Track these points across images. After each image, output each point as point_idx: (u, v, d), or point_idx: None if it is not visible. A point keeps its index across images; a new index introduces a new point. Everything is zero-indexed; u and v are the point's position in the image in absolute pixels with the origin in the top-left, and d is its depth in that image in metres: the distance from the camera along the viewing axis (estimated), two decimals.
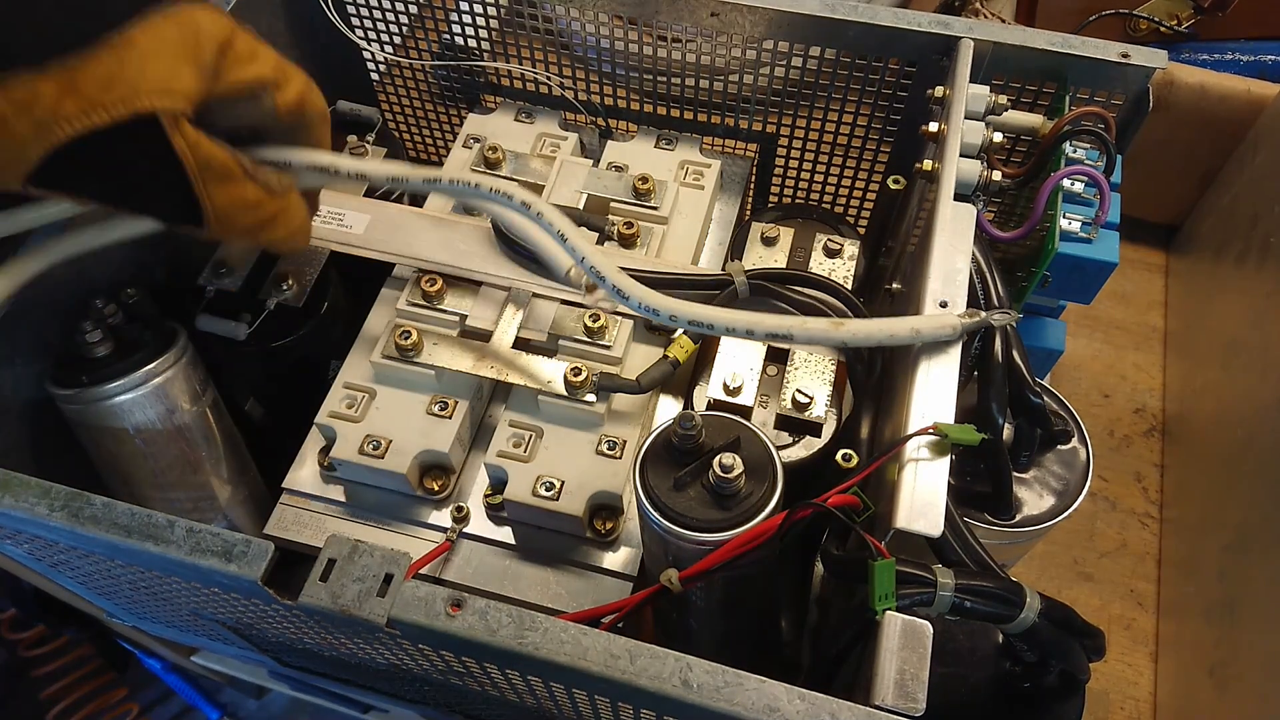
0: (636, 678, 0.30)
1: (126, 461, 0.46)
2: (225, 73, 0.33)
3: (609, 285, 0.39)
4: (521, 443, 0.44)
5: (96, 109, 0.29)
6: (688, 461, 0.35)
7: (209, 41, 0.32)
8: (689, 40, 0.53)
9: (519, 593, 0.43)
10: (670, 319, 0.37)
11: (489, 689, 0.44)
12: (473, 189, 0.40)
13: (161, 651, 0.77)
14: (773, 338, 0.37)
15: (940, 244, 0.39)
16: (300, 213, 0.38)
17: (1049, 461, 0.45)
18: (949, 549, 0.34)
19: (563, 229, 0.39)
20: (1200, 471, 0.62)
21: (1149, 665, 0.59)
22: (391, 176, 0.41)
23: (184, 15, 0.32)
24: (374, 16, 0.59)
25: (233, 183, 0.34)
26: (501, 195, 0.40)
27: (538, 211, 0.40)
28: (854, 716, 0.29)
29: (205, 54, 0.32)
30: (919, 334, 0.36)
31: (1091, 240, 0.45)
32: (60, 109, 0.29)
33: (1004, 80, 0.49)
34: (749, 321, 0.37)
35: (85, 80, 0.29)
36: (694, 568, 0.34)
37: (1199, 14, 0.74)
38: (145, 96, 0.30)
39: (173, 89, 0.31)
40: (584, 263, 0.39)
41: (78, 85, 0.29)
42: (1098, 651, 0.35)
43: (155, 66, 0.31)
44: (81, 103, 0.29)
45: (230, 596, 0.39)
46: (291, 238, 0.38)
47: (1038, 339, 0.54)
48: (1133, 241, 0.77)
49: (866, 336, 0.36)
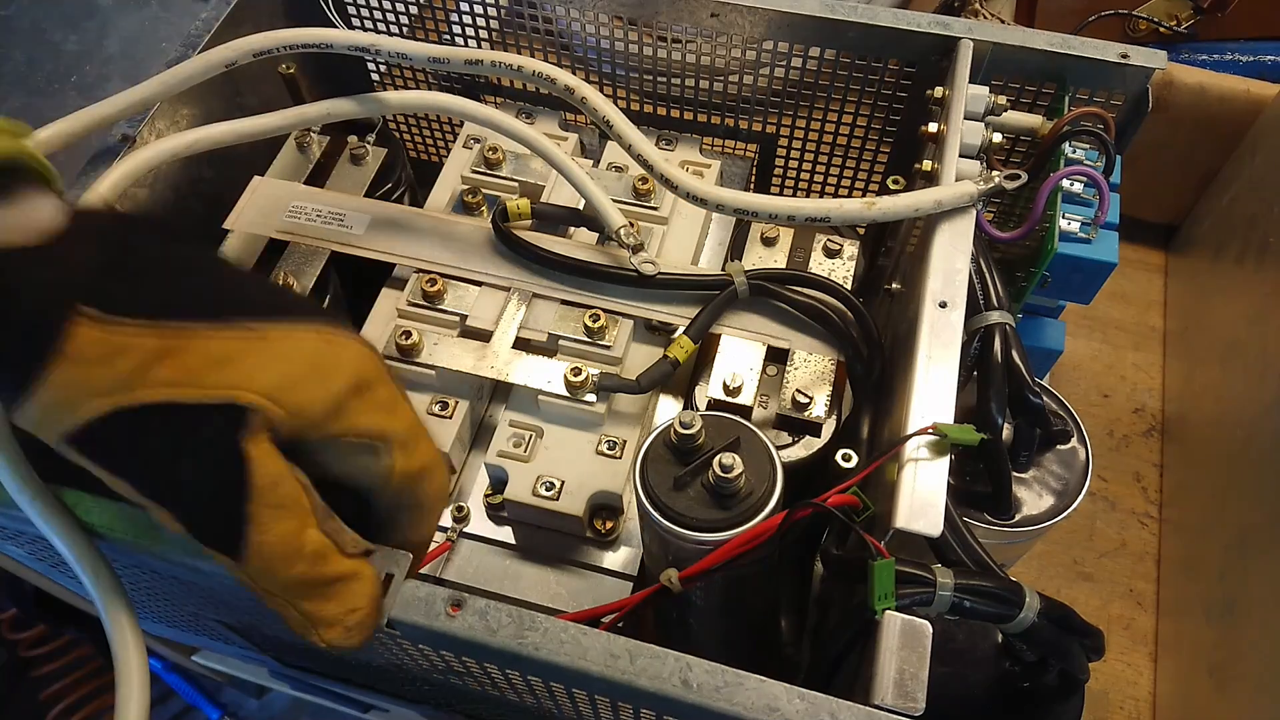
0: (636, 678, 0.30)
1: None
2: (348, 412, 0.29)
3: (656, 173, 0.43)
4: (521, 443, 0.44)
5: (190, 384, 0.27)
6: (688, 461, 0.35)
7: (345, 373, 0.29)
8: (689, 41, 0.53)
9: (519, 593, 0.43)
10: (717, 207, 0.42)
11: (489, 689, 0.44)
12: (514, 69, 0.43)
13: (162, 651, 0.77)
14: (812, 221, 0.42)
15: (940, 244, 0.40)
16: (366, 594, 0.30)
17: (1048, 461, 0.46)
18: (948, 549, 0.34)
19: (609, 115, 0.42)
20: (1200, 471, 0.62)
21: (1149, 665, 0.59)
22: (433, 57, 0.44)
23: (331, 337, 0.29)
24: (374, 17, 0.59)
25: (293, 519, 0.28)
26: (545, 78, 0.43)
27: (582, 96, 0.42)
28: (854, 716, 0.29)
29: (334, 384, 0.29)
30: (940, 204, 0.40)
31: (1091, 240, 0.45)
32: (151, 369, 0.26)
33: (1003, 81, 0.49)
34: (790, 207, 0.41)
35: (194, 351, 0.27)
36: (694, 568, 0.34)
37: (1198, 14, 0.74)
38: (248, 391, 0.27)
39: (281, 399, 0.27)
40: (631, 149, 0.43)
41: (183, 353, 0.27)
42: (1097, 651, 0.35)
43: (275, 368, 0.28)
44: (178, 372, 0.26)
45: (230, 596, 0.39)
46: (343, 620, 0.29)
47: (1037, 339, 0.54)
48: (1132, 241, 0.77)
49: (895, 211, 0.40)
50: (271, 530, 0.28)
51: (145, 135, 0.48)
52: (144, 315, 0.27)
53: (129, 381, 0.26)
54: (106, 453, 0.27)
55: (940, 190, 0.40)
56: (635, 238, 0.46)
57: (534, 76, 0.44)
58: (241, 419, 0.27)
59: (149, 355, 0.26)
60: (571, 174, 0.46)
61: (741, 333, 0.46)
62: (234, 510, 0.27)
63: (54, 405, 0.26)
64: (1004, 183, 0.41)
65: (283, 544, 0.28)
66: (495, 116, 0.47)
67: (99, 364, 0.26)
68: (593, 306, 0.46)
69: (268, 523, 0.27)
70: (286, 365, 0.28)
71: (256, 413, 0.27)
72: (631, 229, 0.46)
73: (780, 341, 0.45)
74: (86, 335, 0.26)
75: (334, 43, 0.45)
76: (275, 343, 0.28)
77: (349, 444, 0.29)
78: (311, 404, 0.28)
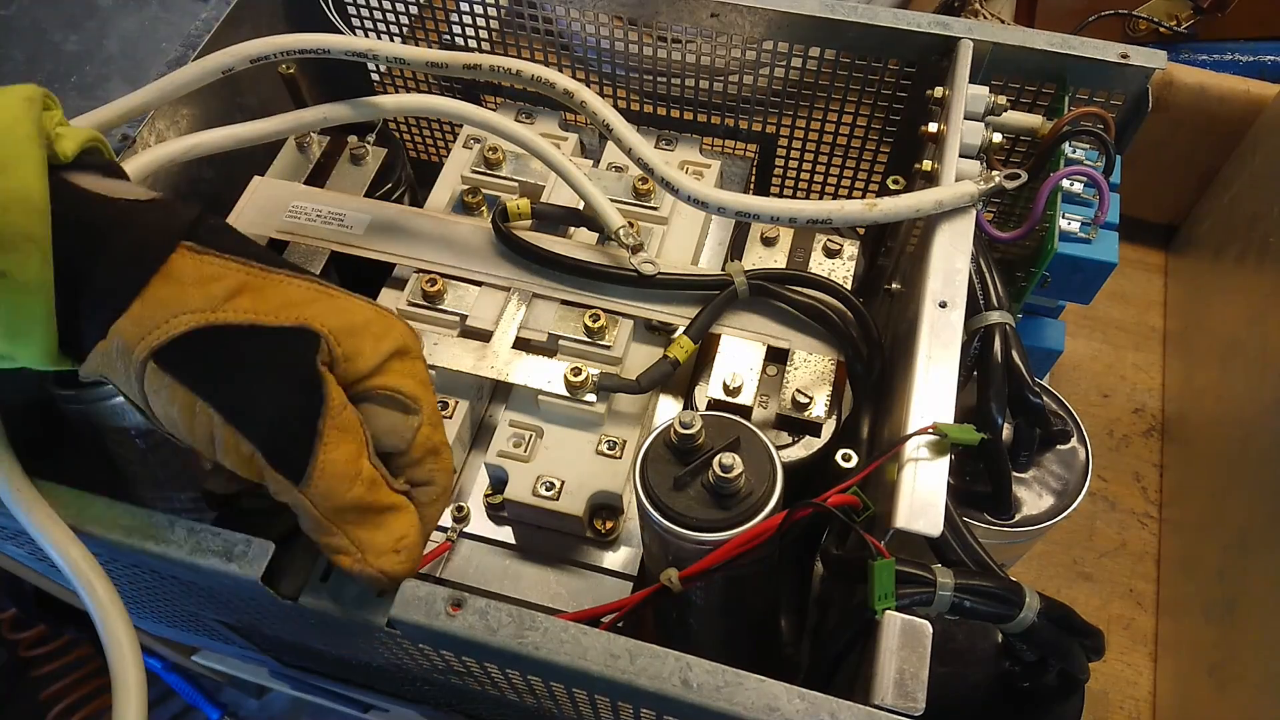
0: (636, 677, 0.30)
1: (127, 461, 0.46)
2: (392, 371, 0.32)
3: (657, 176, 0.42)
4: (521, 443, 0.44)
5: (268, 314, 0.30)
6: (688, 461, 0.35)
7: (394, 337, 0.33)
8: (689, 41, 0.53)
9: (519, 593, 0.43)
10: (718, 210, 0.42)
11: (489, 689, 0.44)
12: (513, 74, 0.43)
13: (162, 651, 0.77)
14: (813, 223, 0.41)
15: (940, 244, 0.40)
16: (412, 524, 0.32)
17: (1048, 461, 0.46)
18: (948, 549, 0.34)
19: (609, 119, 0.42)
20: (1200, 471, 0.62)
21: (1148, 665, 0.59)
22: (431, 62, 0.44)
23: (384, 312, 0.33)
24: (374, 17, 0.59)
25: (354, 444, 0.31)
26: (544, 82, 0.43)
27: (581, 100, 0.42)
28: (854, 716, 0.29)
29: (385, 343, 0.32)
30: (941, 204, 0.40)
31: (1091, 240, 0.45)
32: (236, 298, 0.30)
33: (1003, 81, 0.49)
34: (791, 209, 0.41)
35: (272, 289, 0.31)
36: (694, 567, 0.34)
37: (1198, 14, 0.74)
38: (319, 321, 0.31)
39: (342, 341, 0.31)
40: (631, 153, 0.43)
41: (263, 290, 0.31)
42: (1097, 651, 0.35)
43: (339, 317, 0.31)
44: (258, 303, 0.30)
45: (231, 596, 0.39)
46: (393, 547, 0.32)
47: (1037, 339, 0.54)
48: (1132, 241, 0.77)
49: (895, 212, 0.40)
50: (338, 449, 0.30)
51: (145, 136, 0.48)
52: (232, 254, 0.31)
53: (217, 303, 0.30)
54: (190, 368, 0.30)
55: (941, 190, 0.40)
56: (635, 238, 0.46)
57: (533, 81, 0.44)
58: (316, 344, 0.30)
59: (235, 285, 0.30)
60: (570, 176, 0.46)
61: (741, 333, 0.46)
62: (307, 428, 0.30)
63: (148, 318, 0.29)
64: (1004, 182, 0.41)
65: (346, 464, 0.30)
66: (493, 119, 0.47)
67: (193, 285, 0.30)
68: (593, 306, 0.46)
69: (335, 442, 0.30)
70: (349, 317, 0.32)
71: (325, 343, 0.31)
72: (631, 229, 0.46)
73: (780, 341, 0.45)
74: (185, 262, 0.30)
75: (332, 48, 0.45)
76: (339, 300, 0.32)
77: (386, 398, 0.32)
78: (364, 353, 0.31)
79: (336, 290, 0.33)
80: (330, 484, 0.30)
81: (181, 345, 0.29)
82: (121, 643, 0.32)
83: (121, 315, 0.29)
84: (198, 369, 0.30)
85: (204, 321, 0.29)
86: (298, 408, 0.30)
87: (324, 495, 0.30)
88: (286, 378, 0.30)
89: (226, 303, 0.30)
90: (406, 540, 0.32)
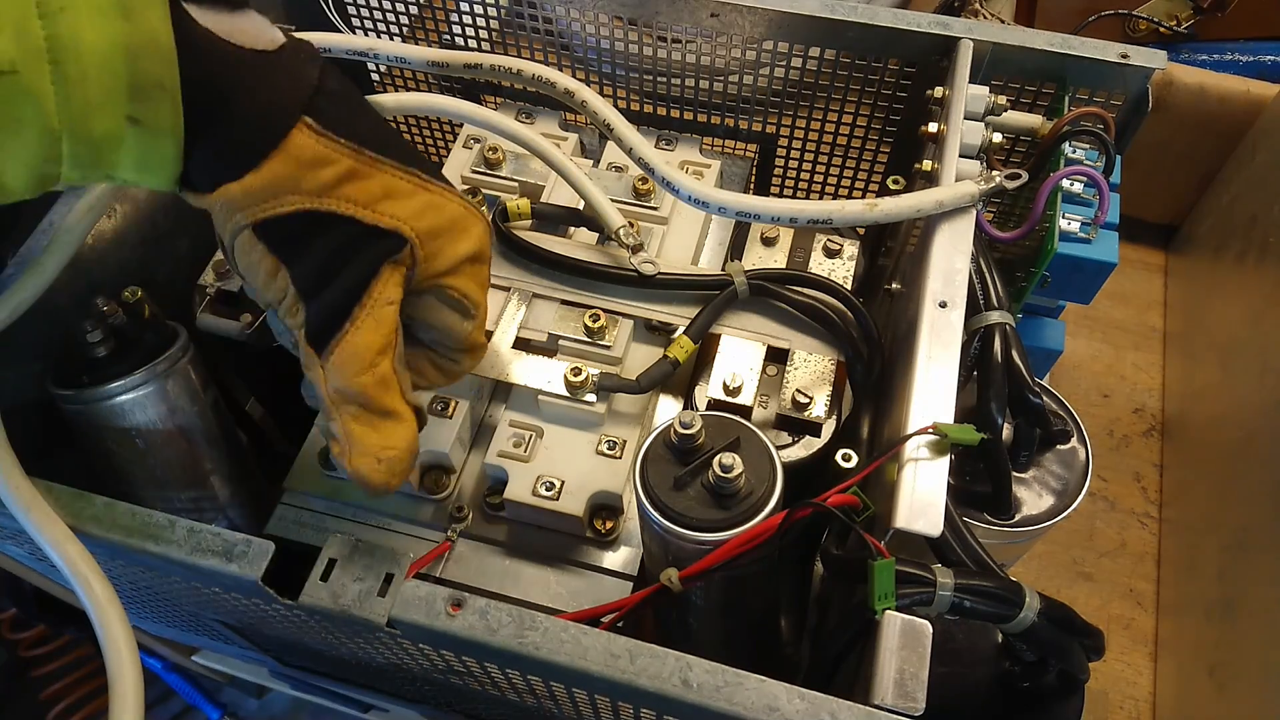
0: (636, 677, 0.30)
1: (127, 461, 0.46)
2: (463, 273, 0.35)
3: (658, 177, 0.42)
4: (521, 443, 0.44)
5: (369, 207, 0.32)
6: (688, 461, 0.35)
7: (473, 240, 0.35)
8: (689, 41, 0.53)
9: (519, 592, 0.43)
10: (719, 210, 0.42)
11: (489, 688, 0.44)
12: (514, 73, 0.43)
13: (161, 651, 0.77)
14: (814, 223, 0.41)
15: (940, 244, 0.40)
16: (405, 438, 0.34)
17: (1048, 461, 0.46)
18: (948, 549, 0.34)
19: (609, 118, 0.41)
20: (1200, 471, 0.62)
21: (1149, 665, 0.59)
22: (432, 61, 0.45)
23: (470, 208, 0.35)
24: (374, 16, 0.59)
25: (380, 337, 0.33)
26: (545, 82, 0.43)
27: (582, 100, 0.42)
28: (853, 716, 0.29)
29: (463, 245, 0.35)
30: (942, 205, 0.40)
31: (1091, 240, 0.45)
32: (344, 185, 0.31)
33: (1003, 81, 0.49)
34: (792, 209, 0.41)
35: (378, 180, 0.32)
36: (694, 567, 0.34)
37: (1198, 14, 0.74)
38: (411, 229, 0.33)
39: (426, 243, 0.33)
40: (631, 153, 0.43)
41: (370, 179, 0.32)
42: (1097, 651, 0.35)
43: (431, 216, 0.33)
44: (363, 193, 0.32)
45: (231, 596, 0.39)
46: (377, 453, 0.33)
47: (1037, 339, 0.54)
48: (1132, 241, 0.77)
49: (896, 212, 0.40)
50: (361, 334, 0.32)
51: None
52: (347, 138, 0.31)
53: (326, 189, 0.31)
54: (284, 243, 0.32)
55: (941, 190, 0.40)
56: (635, 238, 0.46)
57: (534, 80, 0.44)
58: (400, 247, 0.33)
59: (345, 172, 0.31)
60: (570, 175, 0.46)
61: (741, 333, 0.46)
62: (347, 308, 0.32)
63: (260, 192, 0.30)
64: (1005, 182, 0.41)
65: (364, 349, 0.32)
66: (493, 118, 0.46)
67: (308, 167, 0.30)
68: (593, 306, 0.46)
69: (362, 328, 0.32)
70: (438, 216, 0.34)
71: (409, 247, 0.33)
72: (631, 229, 0.46)
73: (780, 341, 0.45)
74: (304, 141, 0.30)
75: (332, 47, 0.45)
76: (436, 195, 0.34)
77: (451, 298, 0.35)
78: (444, 254, 0.34)
79: (433, 183, 0.34)
80: (344, 363, 0.32)
81: (283, 222, 0.31)
82: (119, 642, 0.32)
83: (234, 181, 0.30)
84: (291, 245, 0.32)
85: (311, 206, 0.31)
86: (351, 291, 0.32)
87: (336, 373, 0.32)
88: (358, 267, 0.32)
89: (334, 189, 0.31)
90: (392, 452, 0.33)
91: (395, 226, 0.32)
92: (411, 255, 0.33)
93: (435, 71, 0.47)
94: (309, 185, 0.31)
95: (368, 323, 0.32)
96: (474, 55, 0.45)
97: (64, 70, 0.26)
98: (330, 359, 0.32)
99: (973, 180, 0.40)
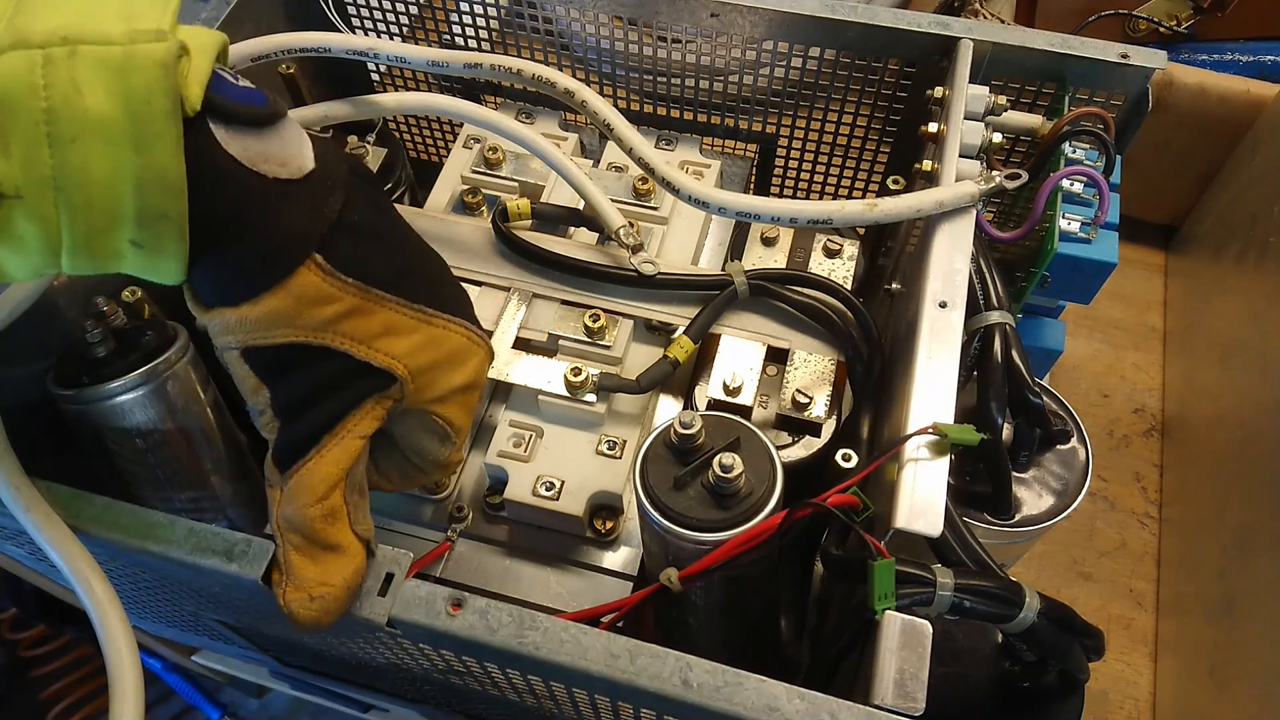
0: (636, 677, 0.30)
1: (127, 461, 0.46)
2: (450, 403, 0.35)
3: (658, 177, 0.42)
4: (521, 443, 0.44)
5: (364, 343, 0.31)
6: (688, 461, 0.35)
7: (468, 372, 0.35)
8: (689, 41, 0.53)
9: (519, 592, 0.43)
10: (719, 210, 0.42)
11: (489, 688, 0.44)
12: (514, 73, 0.43)
13: (161, 651, 0.77)
14: (814, 223, 0.41)
15: (940, 244, 0.40)
16: (343, 574, 0.32)
17: (1048, 461, 0.46)
18: (948, 549, 0.34)
19: (610, 118, 0.42)
20: (1200, 471, 0.62)
21: (1149, 665, 0.59)
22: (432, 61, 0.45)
23: (473, 338, 0.35)
24: (374, 16, 0.59)
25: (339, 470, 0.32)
26: (545, 82, 0.43)
27: (582, 100, 0.42)
28: (853, 716, 0.29)
29: (457, 378, 0.34)
30: (942, 205, 0.40)
31: (1091, 240, 0.45)
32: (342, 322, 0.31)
33: (1003, 81, 0.49)
34: (792, 209, 0.41)
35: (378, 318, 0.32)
36: (693, 567, 0.34)
37: (1198, 14, 0.74)
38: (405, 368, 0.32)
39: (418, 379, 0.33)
40: (632, 153, 0.43)
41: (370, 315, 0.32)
42: (1097, 651, 0.35)
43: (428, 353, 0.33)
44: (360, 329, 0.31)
45: (231, 596, 0.39)
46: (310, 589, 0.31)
47: (1037, 339, 0.54)
48: (1132, 241, 0.77)
49: (896, 212, 0.40)
50: (323, 464, 0.31)
51: None
52: (355, 278, 0.31)
53: (324, 325, 0.31)
54: (271, 369, 0.31)
55: (942, 190, 0.40)
56: (635, 238, 0.46)
57: (534, 80, 0.44)
58: (388, 386, 0.32)
59: (345, 309, 0.31)
60: (570, 175, 0.46)
61: (741, 333, 0.46)
62: (317, 436, 0.32)
63: (255, 324, 0.30)
64: (1005, 182, 0.41)
65: (320, 480, 0.31)
66: (493, 118, 0.47)
67: (309, 304, 0.30)
68: (593, 306, 0.46)
69: (325, 459, 0.32)
70: (437, 351, 0.33)
71: (400, 384, 0.32)
72: (631, 229, 0.46)
73: (780, 341, 0.45)
74: (309, 280, 0.30)
75: (333, 47, 0.45)
76: (439, 329, 0.34)
77: (433, 424, 0.35)
78: (434, 386, 0.34)
79: (438, 318, 0.34)
80: (298, 492, 0.31)
81: (273, 352, 0.31)
82: (119, 641, 0.32)
83: (231, 308, 0.30)
84: (278, 371, 0.31)
85: (304, 340, 0.31)
86: (328, 421, 0.32)
87: (288, 499, 0.32)
88: (340, 401, 0.32)
89: (332, 325, 0.31)
90: (326, 589, 0.31)
91: (389, 365, 0.32)
92: (401, 390, 0.33)
93: (435, 71, 0.46)
94: (306, 321, 0.30)
95: (333, 453, 0.32)
96: (474, 55, 0.45)
97: (70, 198, 0.26)
98: (288, 484, 0.32)
99: (973, 180, 0.40)
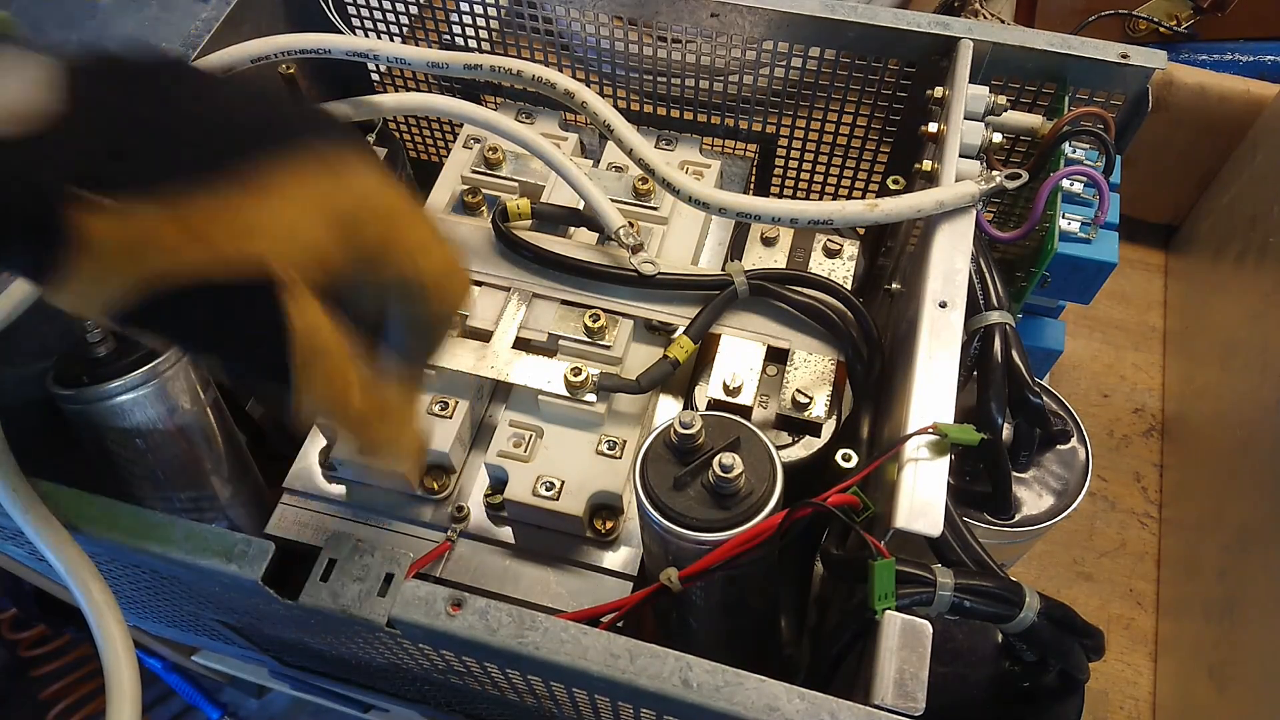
0: (636, 677, 0.30)
1: (127, 461, 0.46)
2: (379, 264, 0.28)
3: (659, 177, 0.42)
4: (521, 443, 0.44)
5: (218, 259, 0.25)
6: (688, 461, 0.35)
7: (369, 219, 0.28)
8: (689, 41, 0.53)
9: (519, 592, 0.43)
10: (720, 211, 0.42)
11: (489, 689, 0.44)
12: (514, 74, 0.43)
13: (162, 651, 0.77)
14: (815, 224, 0.41)
15: (940, 244, 0.40)
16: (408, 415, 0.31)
17: (1048, 461, 0.46)
18: (948, 549, 0.34)
19: (609, 119, 0.42)
20: (1200, 471, 0.62)
21: (1149, 665, 0.59)
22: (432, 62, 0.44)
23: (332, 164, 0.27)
24: (374, 16, 0.59)
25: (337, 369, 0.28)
26: (545, 82, 0.43)
27: (582, 101, 0.42)
28: (853, 716, 0.29)
29: (362, 235, 0.27)
30: (942, 205, 0.40)
31: (1091, 240, 0.45)
32: (178, 251, 0.25)
33: (1003, 81, 0.49)
34: (792, 210, 0.41)
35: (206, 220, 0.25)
36: (693, 567, 0.34)
37: (1198, 14, 0.74)
38: (275, 258, 0.26)
39: (304, 261, 0.26)
40: (632, 153, 0.43)
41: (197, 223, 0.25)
42: (1097, 651, 0.35)
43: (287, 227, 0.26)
44: (202, 249, 0.25)
45: (231, 596, 0.39)
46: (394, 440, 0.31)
47: (1037, 339, 0.54)
48: (1132, 241, 0.77)
49: (897, 212, 0.40)
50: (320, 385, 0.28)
51: None
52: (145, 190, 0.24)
53: (158, 265, 0.25)
54: (154, 326, 0.27)
55: (942, 190, 0.40)
56: (635, 238, 0.46)
57: (534, 81, 0.44)
58: (273, 285, 0.26)
59: (168, 235, 0.25)
60: (570, 175, 0.46)
61: (741, 333, 0.46)
62: (284, 365, 0.27)
63: (86, 294, 0.25)
64: (1005, 182, 0.41)
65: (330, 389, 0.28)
66: (493, 119, 0.47)
67: (122, 253, 0.24)
68: (593, 306, 0.46)
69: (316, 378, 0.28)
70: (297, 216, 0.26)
71: (290, 285, 0.26)
72: (631, 229, 0.46)
73: (780, 341, 0.45)
74: (98, 226, 0.24)
75: (333, 48, 0.45)
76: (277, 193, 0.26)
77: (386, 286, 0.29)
78: (333, 257, 0.27)
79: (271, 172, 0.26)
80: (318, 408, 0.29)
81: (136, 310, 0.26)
82: (116, 644, 0.32)
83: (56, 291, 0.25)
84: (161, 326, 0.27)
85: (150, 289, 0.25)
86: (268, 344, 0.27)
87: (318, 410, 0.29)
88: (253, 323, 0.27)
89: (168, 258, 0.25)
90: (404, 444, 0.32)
91: (258, 272, 0.26)
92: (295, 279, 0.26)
93: (435, 72, 0.47)
94: (134, 270, 0.25)
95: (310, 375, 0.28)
96: (474, 56, 0.45)
97: None
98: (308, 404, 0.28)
99: (973, 180, 0.40)
